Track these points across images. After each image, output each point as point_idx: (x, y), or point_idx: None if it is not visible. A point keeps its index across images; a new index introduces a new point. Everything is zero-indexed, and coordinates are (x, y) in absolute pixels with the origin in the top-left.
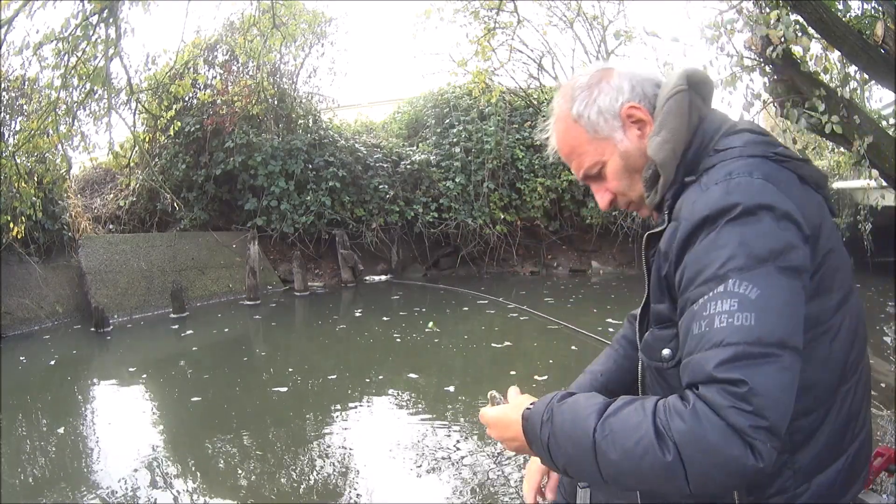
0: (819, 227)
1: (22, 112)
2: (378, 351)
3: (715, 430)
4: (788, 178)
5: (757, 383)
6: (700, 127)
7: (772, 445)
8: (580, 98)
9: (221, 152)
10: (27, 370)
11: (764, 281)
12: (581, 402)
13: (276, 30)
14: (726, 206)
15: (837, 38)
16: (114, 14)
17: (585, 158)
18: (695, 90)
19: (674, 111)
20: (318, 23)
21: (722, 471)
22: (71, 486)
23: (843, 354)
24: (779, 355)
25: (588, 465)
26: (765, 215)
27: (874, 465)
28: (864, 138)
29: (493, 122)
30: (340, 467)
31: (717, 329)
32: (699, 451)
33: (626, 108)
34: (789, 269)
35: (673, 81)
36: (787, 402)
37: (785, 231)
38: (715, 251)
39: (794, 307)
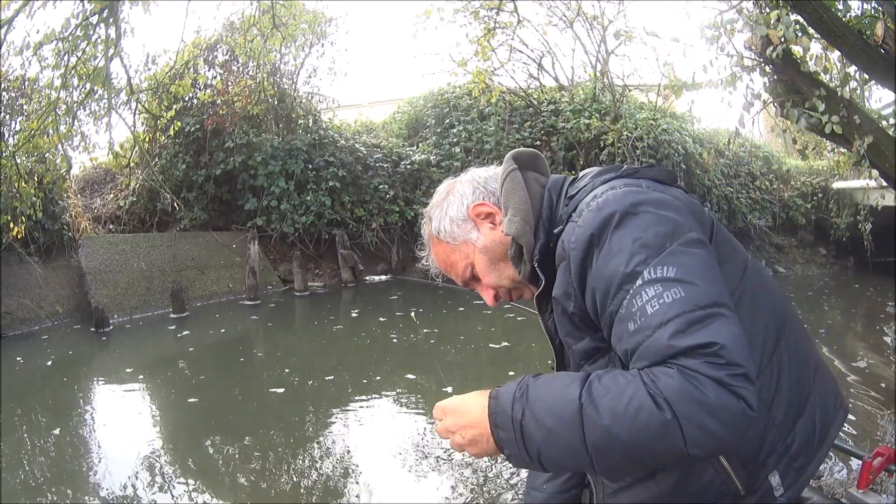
0: (691, 207)
1: (22, 112)
2: (377, 351)
3: (704, 385)
4: (646, 183)
5: (718, 339)
6: (544, 190)
7: (753, 390)
8: (436, 216)
9: (221, 152)
10: (27, 370)
11: (673, 259)
12: (559, 376)
13: (276, 30)
14: (605, 219)
15: (837, 38)
16: (114, 14)
17: (457, 267)
18: (528, 167)
19: (511, 189)
20: (318, 23)
21: (716, 422)
22: (71, 487)
23: (768, 312)
24: (721, 313)
25: (571, 438)
26: (642, 209)
27: (874, 465)
28: (864, 138)
29: (493, 122)
30: (340, 467)
31: (652, 314)
32: (695, 406)
33: (472, 209)
34: (690, 241)
35: (503, 166)
36: (746, 350)
37: (667, 214)
38: (614, 259)
39: (712, 271)
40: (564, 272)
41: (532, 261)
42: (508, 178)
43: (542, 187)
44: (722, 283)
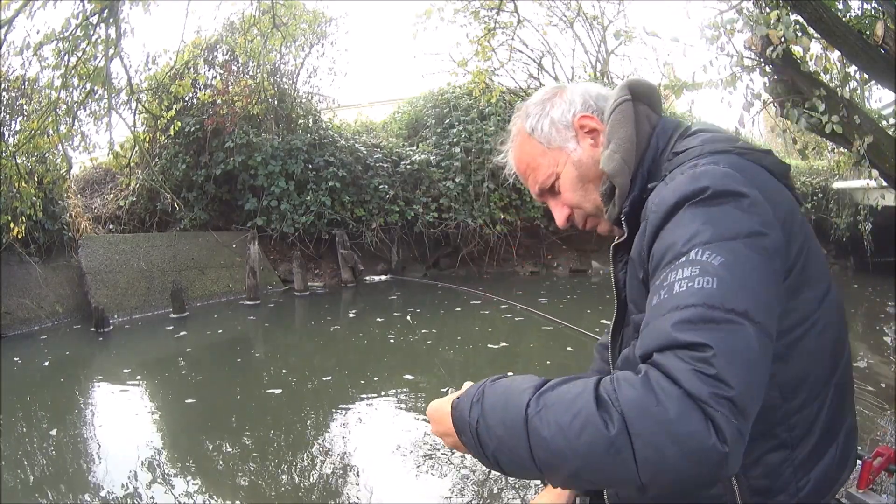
0: (791, 218)
1: (22, 112)
2: (376, 351)
3: (670, 398)
4: (754, 169)
5: (720, 347)
6: (653, 133)
7: (737, 425)
8: (534, 113)
9: (221, 152)
10: (27, 370)
11: (730, 253)
12: (517, 380)
13: (276, 30)
14: (694, 190)
15: (837, 38)
16: (114, 14)
17: (540, 172)
18: (641, 100)
19: (619, 121)
20: (318, 23)
21: (676, 450)
22: (70, 487)
23: (831, 346)
24: (743, 324)
25: (520, 450)
26: (733, 200)
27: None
28: (864, 138)
29: (493, 122)
30: (340, 467)
31: (676, 294)
32: (650, 423)
33: (577, 118)
34: (761, 248)
35: (616, 93)
36: (755, 377)
37: (755, 217)
38: (679, 230)
39: (763, 285)
40: (642, 235)
41: (621, 209)
42: (619, 108)
43: (651, 128)
44: (768, 302)
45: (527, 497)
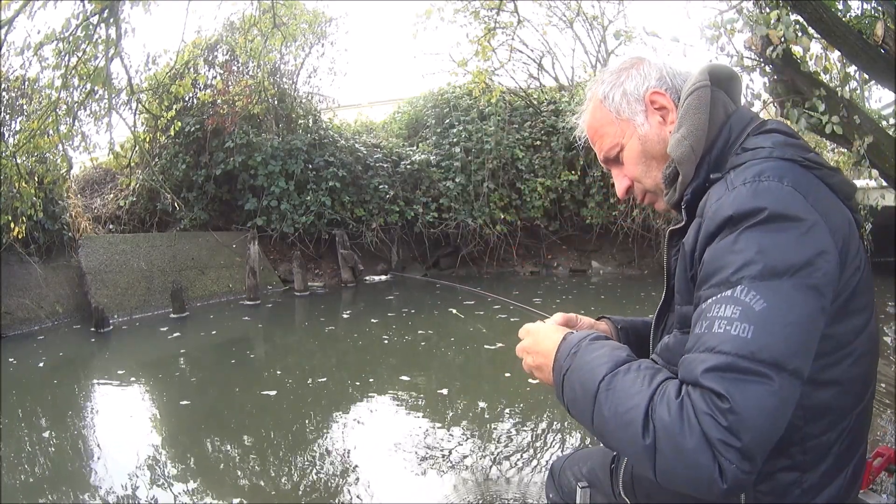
0: (848, 242)
1: (22, 112)
2: (376, 352)
3: (692, 433)
4: (818, 187)
5: (738, 401)
6: (727, 123)
7: (740, 468)
8: (608, 81)
9: (221, 152)
10: (26, 370)
11: (774, 295)
12: (605, 350)
13: (276, 30)
14: (752, 209)
15: (837, 38)
16: (114, 14)
17: (606, 140)
18: (721, 86)
19: (693, 107)
20: (319, 23)
21: (686, 474)
22: (70, 487)
23: (863, 377)
24: (769, 377)
25: (586, 410)
26: (790, 226)
27: (874, 465)
28: (864, 138)
29: (493, 122)
30: (340, 467)
31: (714, 334)
32: (672, 446)
33: (650, 93)
34: (808, 287)
35: (695, 77)
36: (769, 428)
37: (810, 246)
38: (732, 255)
39: (803, 328)
40: (696, 231)
41: (682, 197)
42: (696, 92)
43: (726, 116)
44: (807, 345)
45: (527, 497)
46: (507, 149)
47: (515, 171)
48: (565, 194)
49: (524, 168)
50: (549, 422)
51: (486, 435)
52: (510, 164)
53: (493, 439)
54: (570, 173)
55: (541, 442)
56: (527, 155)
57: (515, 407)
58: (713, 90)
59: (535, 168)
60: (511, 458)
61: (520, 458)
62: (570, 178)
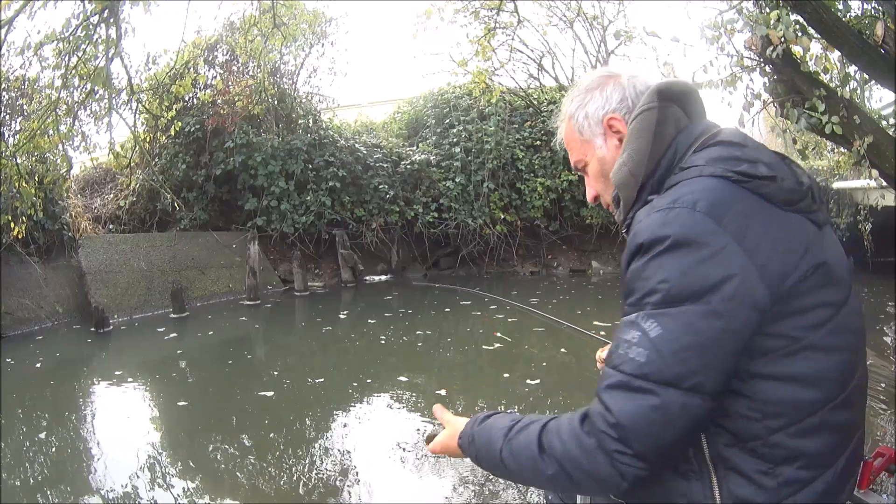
0: (786, 251)
1: (22, 112)
2: (375, 352)
3: (586, 452)
4: (745, 202)
5: (623, 416)
6: (675, 141)
7: (636, 468)
8: (577, 100)
9: (221, 152)
10: (26, 370)
11: (671, 321)
12: (494, 424)
13: (276, 30)
14: (658, 238)
15: (837, 38)
16: (114, 14)
17: (573, 154)
18: (676, 102)
19: (636, 131)
20: (319, 23)
21: (593, 484)
22: (70, 487)
23: (831, 371)
24: (655, 393)
25: (502, 473)
26: (694, 253)
27: (874, 465)
28: (864, 138)
29: (493, 122)
30: (339, 468)
31: (619, 354)
32: (574, 468)
33: (608, 117)
34: (707, 312)
35: (643, 99)
36: (656, 435)
37: (713, 270)
38: (640, 281)
39: (702, 349)
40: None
41: (625, 220)
42: (640, 116)
43: (677, 133)
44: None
45: (528, 497)
46: (507, 149)
47: (515, 171)
48: (565, 194)
49: (524, 168)
50: None
51: None
52: (510, 164)
53: None
54: (570, 173)
55: None
56: (527, 155)
57: (515, 407)
58: (662, 110)
59: (535, 168)
60: None
61: None
62: (570, 178)
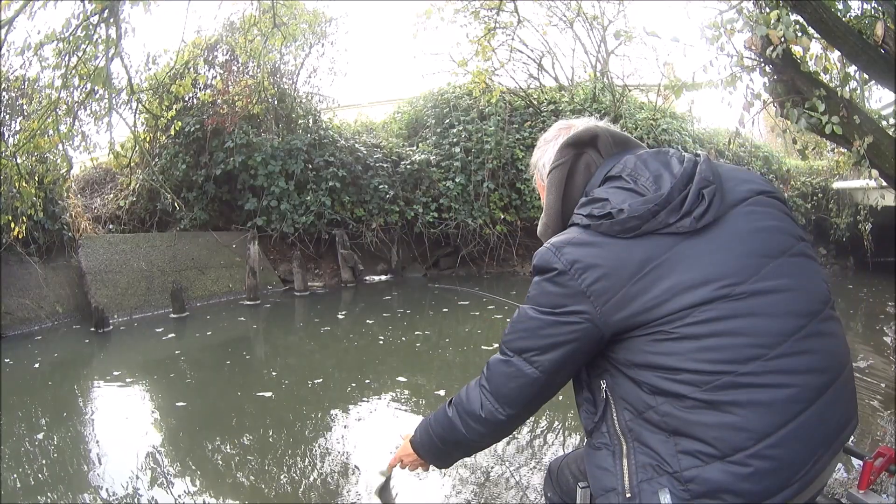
0: (615, 274)
1: (22, 112)
2: (375, 352)
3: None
4: (584, 240)
5: (490, 364)
6: (586, 188)
7: (499, 409)
8: (538, 151)
9: (221, 152)
10: (26, 370)
11: (522, 312)
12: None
13: (276, 30)
14: (534, 266)
15: (837, 38)
16: (114, 14)
17: (543, 198)
18: (588, 147)
19: (548, 188)
20: (319, 23)
21: (471, 409)
22: (70, 487)
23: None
24: (510, 357)
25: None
26: (540, 274)
27: (875, 465)
28: (864, 138)
29: (493, 122)
30: (339, 468)
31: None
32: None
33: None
34: (539, 308)
35: (555, 156)
36: (511, 388)
37: (545, 285)
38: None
39: (535, 332)
40: None
41: None
42: (552, 172)
43: (587, 178)
44: (539, 342)
45: (527, 497)
46: (507, 149)
47: (515, 171)
48: None
49: (524, 168)
50: (549, 422)
51: None
52: (510, 164)
53: None
54: None
55: (540, 441)
56: (527, 155)
57: None
58: (574, 160)
59: None
60: (511, 458)
61: (519, 458)
62: None
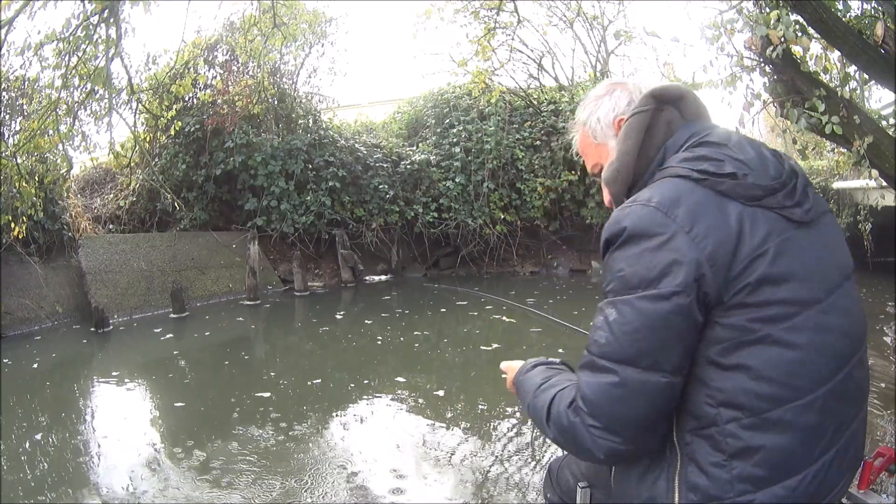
0: (739, 241)
1: (22, 112)
2: (375, 352)
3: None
4: (699, 197)
5: (587, 392)
6: (665, 144)
7: (610, 442)
8: (588, 107)
9: (221, 152)
10: (25, 370)
11: (624, 307)
12: (531, 380)
13: (276, 30)
14: (615, 232)
15: (837, 38)
16: (114, 14)
17: (588, 160)
18: (671, 105)
19: (626, 133)
20: (319, 23)
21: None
22: (70, 487)
23: (794, 369)
24: (616, 370)
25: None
26: (642, 242)
27: (874, 465)
28: (864, 138)
29: (493, 122)
30: (338, 468)
31: (590, 336)
32: (565, 438)
33: (618, 119)
34: (658, 296)
35: (638, 101)
36: (620, 411)
37: (661, 257)
38: (606, 272)
39: (653, 331)
40: None
41: None
42: (632, 118)
43: (668, 135)
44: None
45: (527, 497)
46: (507, 149)
47: (515, 171)
48: (565, 194)
49: (524, 168)
50: None
51: (486, 435)
52: (510, 164)
53: (493, 439)
54: (569, 173)
55: (540, 441)
56: (527, 155)
57: (514, 408)
58: (654, 113)
59: (534, 168)
60: (511, 458)
61: (519, 458)
62: (569, 178)
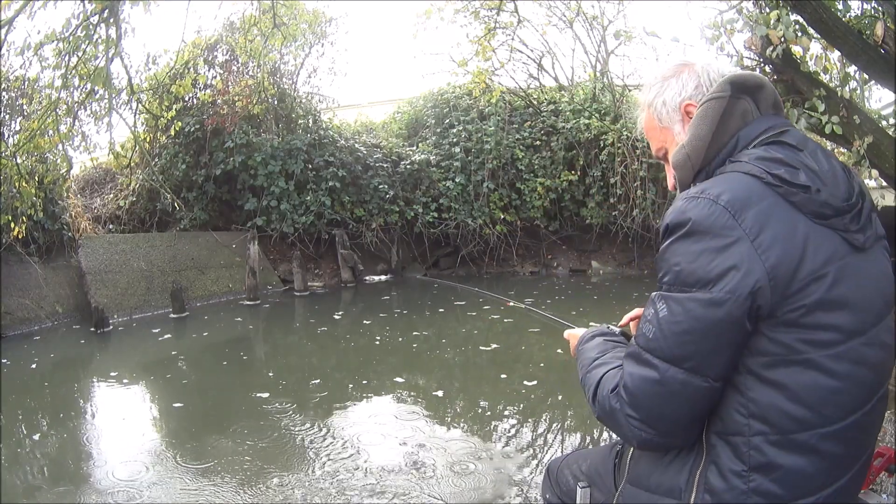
0: (802, 259)
1: (22, 112)
2: (375, 352)
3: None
4: (770, 204)
5: (629, 383)
6: (738, 134)
7: (646, 434)
8: (654, 88)
9: (221, 152)
10: (25, 370)
11: (676, 306)
12: (586, 353)
13: (276, 30)
14: (679, 222)
15: (837, 38)
16: (114, 14)
17: (653, 142)
18: (748, 95)
19: (699, 118)
20: (319, 23)
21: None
22: (70, 486)
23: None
24: (659, 368)
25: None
26: (707, 241)
27: (874, 465)
28: (864, 138)
29: (493, 122)
30: (337, 468)
31: (640, 327)
32: (608, 420)
33: (685, 104)
34: (709, 301)
35: (714, 87)
36: (659, 407)
37: (721, 260)
38: (662, 262)
39: (699, 335)
40: None
41: None
42: (706, 104)
43: (742, 125)
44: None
45: (527, 497)
46: (507, 149)
47: (515, 171)
48: (565, 194)
49: (524, 168)
50: (549, 422)
51: (485, 435)
52: (510, 164)
53: (492, 439)
54: (570, 173)
55: (540, 441)
56: (527, 155)
57: (514, 407)
58: (732, 101)
59: (534, 168)
60: (510, 458)
61: (519, 458)
62: (570, 178)
